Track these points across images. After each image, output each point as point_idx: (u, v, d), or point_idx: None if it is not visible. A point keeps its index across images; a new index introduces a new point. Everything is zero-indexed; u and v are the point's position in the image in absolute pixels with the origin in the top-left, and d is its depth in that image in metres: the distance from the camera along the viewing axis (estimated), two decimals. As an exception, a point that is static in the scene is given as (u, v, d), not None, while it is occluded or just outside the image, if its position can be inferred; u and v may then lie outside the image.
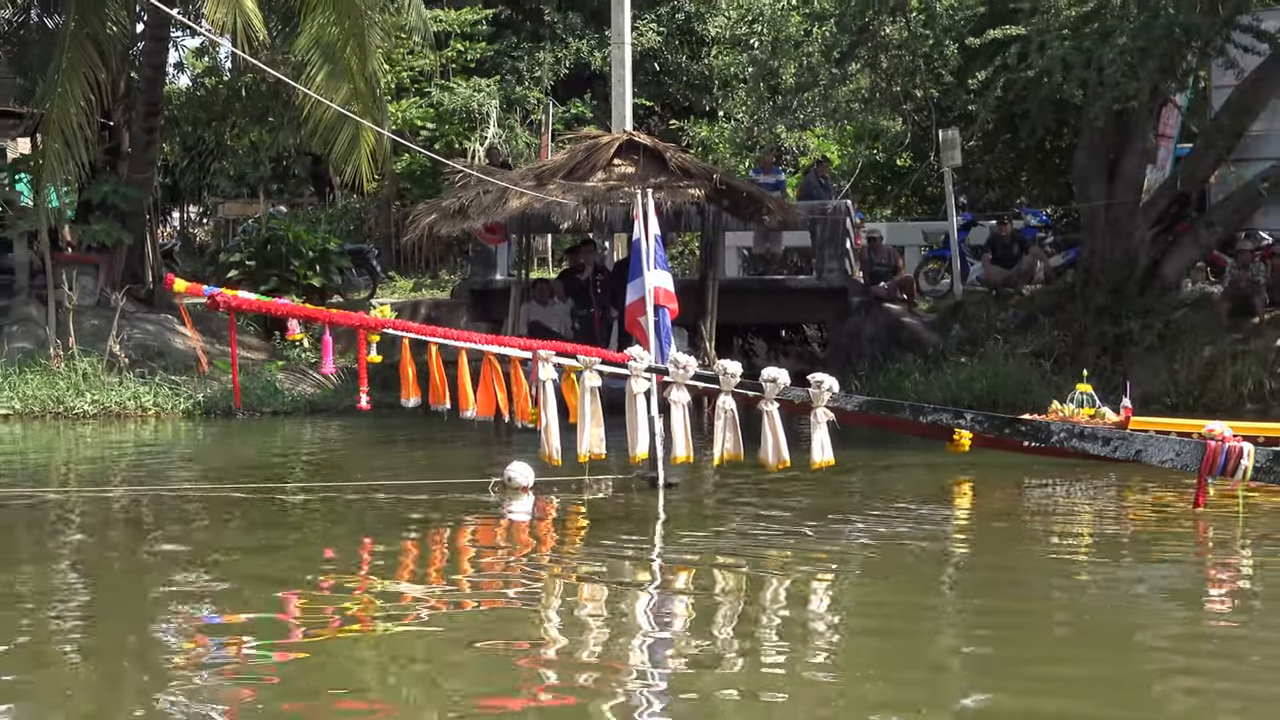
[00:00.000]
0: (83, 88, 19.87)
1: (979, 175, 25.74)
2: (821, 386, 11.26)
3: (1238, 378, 17.85)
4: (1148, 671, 7.50)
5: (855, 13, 19.96)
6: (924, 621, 8.55)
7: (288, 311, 12.90)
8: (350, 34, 20.06)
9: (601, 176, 18.57)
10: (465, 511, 11.69)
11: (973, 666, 7.58)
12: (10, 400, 19.12)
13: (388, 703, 6.98)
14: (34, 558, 10.62)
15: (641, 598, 9.11)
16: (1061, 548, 11.13)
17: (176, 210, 31.94)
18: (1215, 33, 17.46)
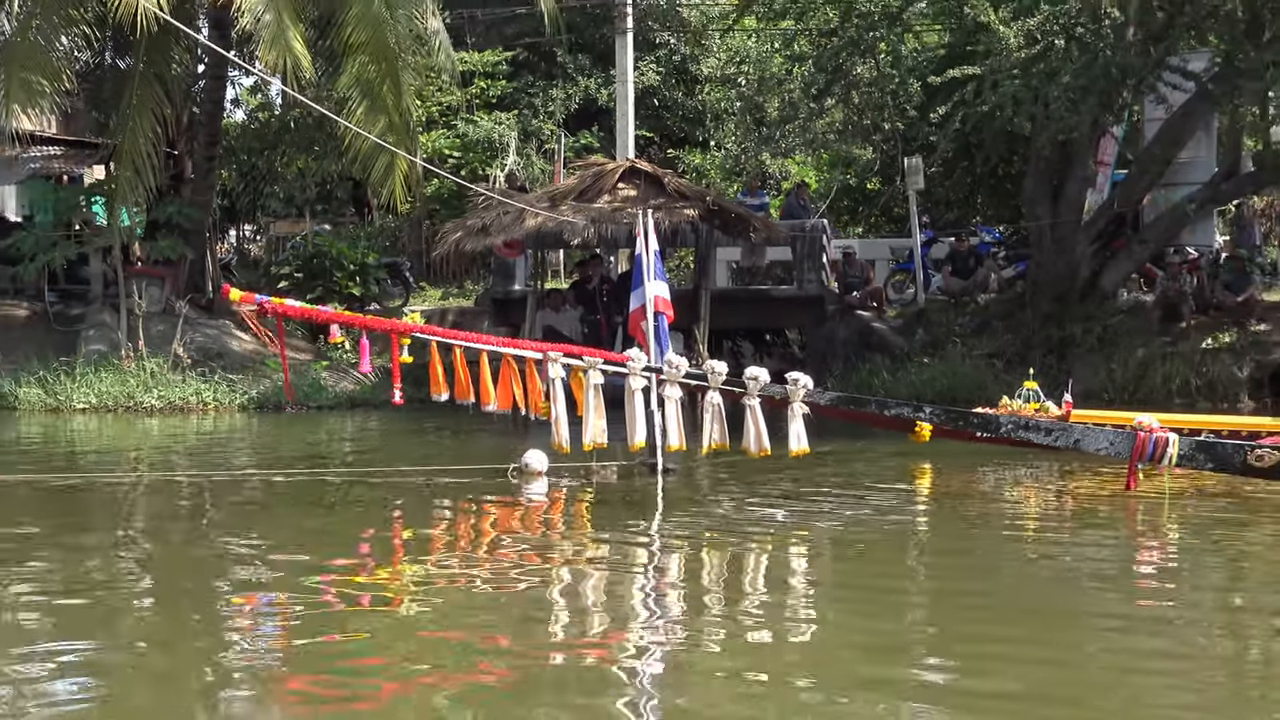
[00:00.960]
0: (150, 121, 19.92)
1: (939, 197, 25.73)
2: (797, 384, 11.30)
3: (1167, 376, 17.88)
4: (1083, 630, 7.53)
5: (831, 55, 19.99)
6: (889, 592, 8.59)
7: (329, 318, 12.95)
8: (386, 74, 20.08)
9: (607, 199, 18.57)
10: (487, 494, 11.69)
11: (930, 631, 7.63)
12: (87, 396, 19.18)
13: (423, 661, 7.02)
14: (108, 531, 10.66)
15: (642, 569, 9.16)
16: (1010, 525, 11.16)
17: (233, 228, 31.95)
18: (1148, 73, 17.47)
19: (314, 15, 20.81)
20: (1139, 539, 10.18)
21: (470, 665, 6.88)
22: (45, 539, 10.17)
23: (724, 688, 6.49)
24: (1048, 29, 16.43)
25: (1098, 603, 8.28)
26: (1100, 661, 7.04)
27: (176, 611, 8.00)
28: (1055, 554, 9.82)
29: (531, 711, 6.07)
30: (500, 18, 29.35)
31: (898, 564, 9.41)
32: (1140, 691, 6.55)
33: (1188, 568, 9.31)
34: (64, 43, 20.37)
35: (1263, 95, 17.29)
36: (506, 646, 7.16)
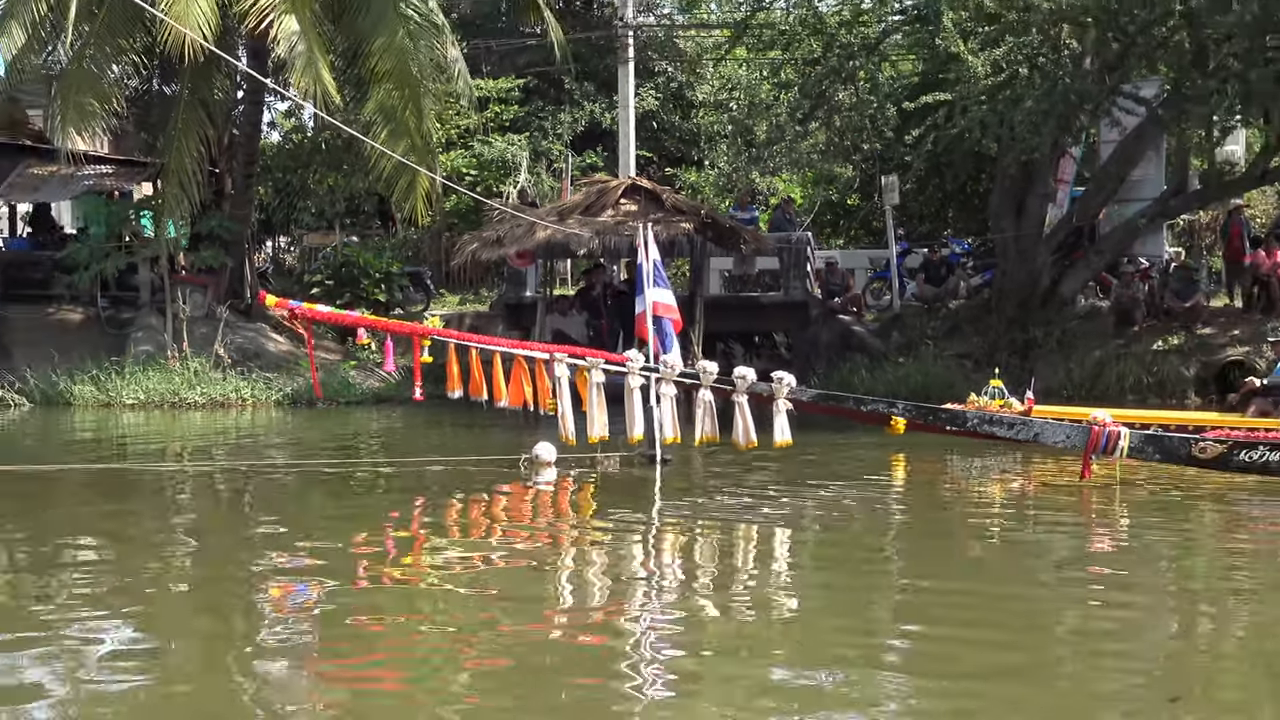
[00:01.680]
0: (194, 142, 19.95)
1: (913, 212, 25.77)
2: (781, 382, 11.36)
3: (1121, 375, 17.89)
4: (1042, 602, 7.58)
5: (814, 82, 20.02)
6: (866, 571, 8.63)
7: (356, 322, 13.05)
8: (409, 99, 20.11)
9: (610, 213, 18.61)
10: (500, 482, 11.70)
11: (903, 604, 7.67)
12: (136, 392, 19.21)
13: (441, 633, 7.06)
14: (155, 516, 10.69)
15: (642, 549, 9.20)
16: (976, 509, 11.21)
17: (269, 240, 31.93)
18: (1103, 98, 17.50)
19: (343, 46, 20.85)
20: (1093, 522, 10.21)
21: (484, 637, 6.92)
22: (98, 523, 10.22)
23: (715, 659, 6.54)
24: (1012, 59, 16.45)
25: (1055, 578, 8.34)
26: (1058, 630, 7.10)
27: (217, 588, 8.04)
28: (1017, 535, 9.88)
29: (540, 680, 6.12)
30: (513, 48, 29.38)
31: (874, 544, 9.44)
32: (1096, 654, 6.60)
33: (1137, 547, 9.36)
34: (115, 70, 20.39)
35: (1208, 119, 17.30)
36: (517, 620, 7.21)
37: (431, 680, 6.21)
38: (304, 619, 7.28)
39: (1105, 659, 6.52)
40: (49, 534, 9.47)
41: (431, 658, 6.59)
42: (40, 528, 9.64)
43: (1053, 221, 20.64)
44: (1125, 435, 11.01)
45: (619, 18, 27.07)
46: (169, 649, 6.69)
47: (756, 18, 21.30)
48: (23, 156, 22.32)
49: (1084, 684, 6.12)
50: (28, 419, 18.27)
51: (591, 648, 6.68)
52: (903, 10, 19.61)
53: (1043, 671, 6.27)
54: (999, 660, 6.37)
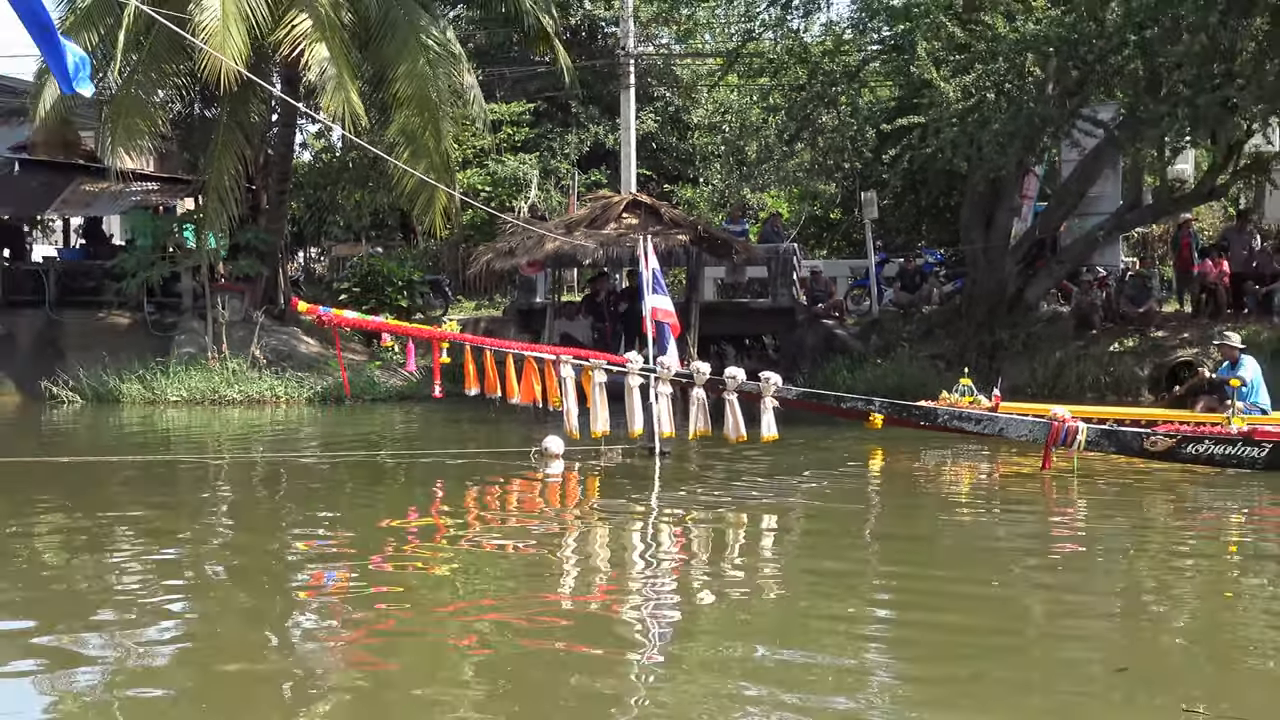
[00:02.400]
0: (233, 161, 19.96)
1: (891, 225, 25.74)
2: (768, 381, 11.41)
3: (1080, 374, 17.88)
4: (1007, 577, 7.64)
5: (800, 106, 20.04)
6: (846, 551, 8.70)
7: (381, 327, 13.06)
8: (429, 122, 20.13)
9: (614, 226, 18.61)
10: (513, 472, 11.75)
11: (881, 580, 7.74)
12: (179, 390, 19.22)
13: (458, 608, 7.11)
14: (197, 503, 10.76)
15: (642, 534, 9.26)
16: (947, 496, 11.28)
17: (301, 250, 31.94)
18: (1064, 121, 17.51)
19: (369, 73, 20.88)
20: (1053, 507, 10.27)
21: (498, 610, 6.98)
22: (146, 508, 10.28)
23: (706, 631, 6.60)
24: (980, 85, 16.46)
25: (1019, 556, 8.40)
26: (1020, 607, 7.16)
27: (254, 565, 8.10)
28: (984, 519, 9.95)
29: (547, 651, 6.17)
30: (524, 75, 29.42)
31: (854, 527, 9.50)
32: (1058, 626, 6.68)
33: (1091, 529, 9.42)
34: (160, 95, 20.41)
35: (1160, 141, 17.32)
36: (529, 595, 7.27)
37: (450, 651, 6.28)
38: (335, 594, 7.34)
39: (1062, 633, 6.59)
40: (101, 519, 9.53)
41: (451, 630, 6.66)
42: (93, 513, 9.68)
43: (1018, 234, 20.65)
44: (1083, 430, 11.07)
45: (621, 47, 27.11)
46: (211, 623, 6.75)
47: (747, 47, 21.31)
48: (76, 174, 22.39)
49: (1043, 655, 6.19)
50: (81, 414, 18.32)
51: (595, 620, 6.75)
52: (880, 41, 19.63)
53: (1006, 644, 6.34)
54: (965, 634, 6.44)
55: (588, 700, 5.40)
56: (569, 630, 6.52)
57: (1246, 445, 11.13)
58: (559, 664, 5.92)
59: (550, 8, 23.05)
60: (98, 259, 23.19)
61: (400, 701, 5.45)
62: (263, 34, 18.75)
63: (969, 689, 5.58)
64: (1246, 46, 14.79)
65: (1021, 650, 6.26)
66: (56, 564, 8.24)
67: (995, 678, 5.74)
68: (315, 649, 6.33)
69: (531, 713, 5.27)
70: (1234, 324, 16.51)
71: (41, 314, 21.66)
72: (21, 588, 7.46)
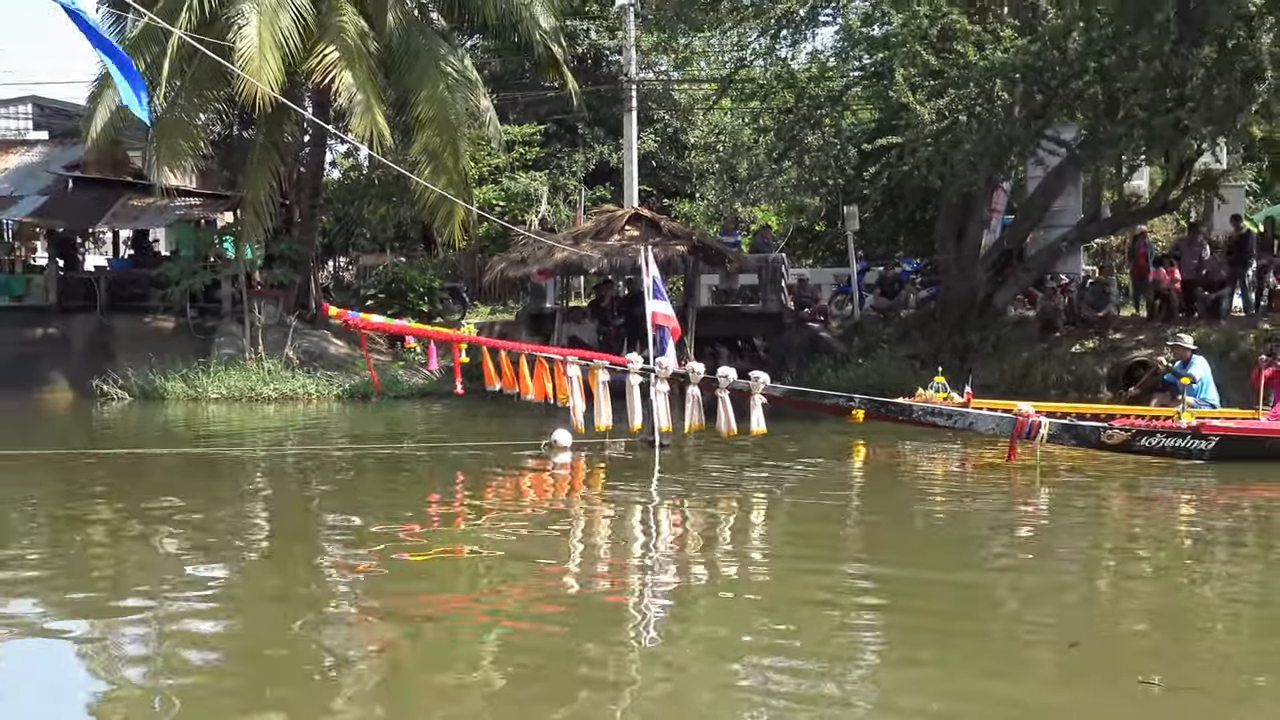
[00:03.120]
0: (268, 178, 20.01)
1: (871, 236, 25.71)
2: (757, 379, 11.43)
3: (1045, 373, 17.84)
4: (975, 560, 7.69)
5: (787, 128, 20.03)
6: (830, 535, 8.73)
7: (404, 330, 13.11)
8: (448, 142, 20.15)
9: (617, 238, 18.68)
10: (525, 463, 11.80)
11: (862, 552, 7.78)
12: (219, 388, 19.26)
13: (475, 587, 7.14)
14: (236, 490, 10.80)
15: (643, 520, 9.29)
16: (922, 484, 11.30)
17: (331, 260, 31.95)
18: (1029, 141, 17.51)
19: (393, 97, 20.88)
20: (1017, 495, 10.30)
21: (512, 586, 7.02)
22: (187, 495, 10.28)
23: (702, 608, 6.64)
24: (953, 108, 16.45)
25: (987, 540, 8.43)
26: (987, 586, 7.20)
27: (286, 550, 8.14)
28: (956, 506, 9.97)
29: (554, 625, 6.21)
30: (535, 99, 29.44)
31: (837, 514, 9.54)
32: (1021, 605, 6.71)
33: (1054, 515, 9.46)
34: (202, 118, 20.45)
35: (1117, 159, 17.38)
36: (541, 573, 7.31)
37: (467, 625, 6.32)
38: (359, 577, 7.38)
39: (1024, 610, 6.63)
40: (146, 505, 9.56)
41: (468, 606, 6.69)
42: (139, 499, 9.72)
43: (988, 244, 20.65)
44: (1045, 424, 11.11)
45: (624, 74, 27.13)
46: (243, 601, 6.79)
47: (739, 74, 21.34)
48: (125, 191, 22.45)
49: (1005, 628, 6.23)
50: (129, 410, 18.37)
51: (600, 596, 6.79)
52: (861, 68, 19.63)
53: (973, 619, 6.37)
54: (937, 610, 6.47)
55: (592, 676, 5.43)
56: (575, 607, 6.56)
57: (1195, 438, 11.16)
58: (566, 638, 5.95)
59: (559, 37, 23.09)
60: (145, 268, 23.23)
61: (420, 675, 5.49)
62: (296, 62, 18.80)
63: (935, 663, 5.60)
64: (1196, 73, 14.81)
65: (989, 623, 6.29)
66: (104, 544, 8.29)
67: (966, 646, 5.77)
68: (342, 625, 6.36)
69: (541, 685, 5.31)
70: (1185, 327, 16.51)
71: (93, 318, 21.73)
72: (73, 565, 7.51)
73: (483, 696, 5.15)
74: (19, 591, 6.91)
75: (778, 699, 5.05)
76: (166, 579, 7.17)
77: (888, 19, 17.45)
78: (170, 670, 5.46)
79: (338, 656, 5.72)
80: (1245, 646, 5.91)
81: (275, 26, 18.47)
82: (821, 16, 19.36)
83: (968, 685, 5.19)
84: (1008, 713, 4.92)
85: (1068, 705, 4.99)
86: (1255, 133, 16.29)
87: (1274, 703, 5.08)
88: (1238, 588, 7.10)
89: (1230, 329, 17.27)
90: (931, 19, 16.58)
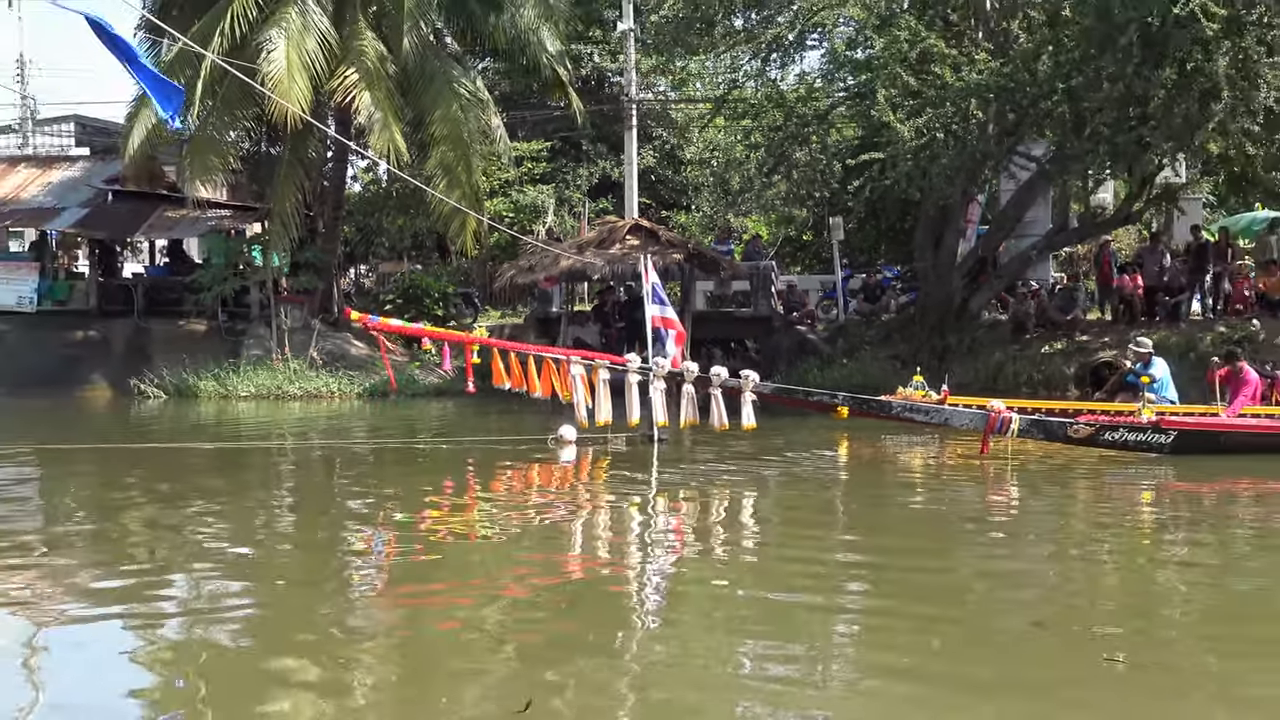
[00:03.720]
0: (294, 191, 19.98)
1: (855, 245, 25.72)
2: (747, 378, 11.46)
3: (1016, 372, 17.84)
4: (951, 546, 7.71)
5: (777, 144, 19.96)
6: (817, 524, 8.75)
7: (420, 333, 13.14)
8: (461, 158, 20.16)
9: (618, 247, 18.68)
10: (533, 456, 11.79)
11: (844, 548, 7.79)
12: (248, 387, 19.27)
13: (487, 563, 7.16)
14: (263, 481, 10.83)
15: (643, 508, 9.31)
16: (903, 474, 11.32)
17: (352, 267, 31.98)
18: (1002, 157, 17.52)
19: (409, 116, 20.88)
20: (990, 486, 10.33)
21: (522, 571, 7.03)
22: (219, 485, 10.34)
23: (698, 589, 6.66)
24: (931, 126, 16.45)
25: (961, 528, 8.45)
26: (962, 569, 7.21)
27: (311, 537, 8.16)
28: (933, 495, 9.98)
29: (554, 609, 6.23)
30: (542, 118, 29.44)
31: (824, 504, 9.56)
32: (992, 586, 6.73)
33: (1023, 505, 9.48)
34: (232, 136, 20.43)
35: (1084, 173, 17.36)
36: (548, 559, 7.33)
37: (479, 606, 6.34)
38: (380, 561, 7.40)
39: (995, 590, 6.65)
40: (180, 495, 9.58)
41: (481, 589, 6.71)
42: (174, 489, 9.75)
43: (963, 253, 20.67)
44: (1015, 419, 11.13)
45: (625, 94, 27.16)
46: (273, 583, 6.81)
47: (732, 94, 21.34)
48: (160, 203, 22.46)
49: (976, 610, 6.25)
50: (164, 408, 18.38)
51: (603, 579, 6.81)
52: (846, 89, 19.61)
53: (950, 598, 6.39)
54: (917, 591, 6.49)
55: (595, 653, 5.45)
56: (582, 586, 6.58)
57: (1155, 432, 11.19)
58: (568, 618, 5.98)
59: (565, 61, 23.13)
60: (179, 275, 23.27)
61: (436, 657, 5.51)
62: (320, 83, 18.83)
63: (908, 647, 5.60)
64: (1157, 94, 14.82)
65: (965, 603, 6.31)
66: (142, 530, 8.30)
67: (944, 623, 5.79)
68: (361, 608, 6.38)
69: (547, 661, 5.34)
70: (1147, 330, 16.54)
71: (131, 322, 21.75)
72: (113, 549, 7.53)
73: (493, 676, 5.16)
74: (64, 574, 6.93)
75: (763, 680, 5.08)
76: (198, 563, 7.19)
77: (870, 43, 17.46)
78: (200, 651, 5.47)
79: (359, 638, 5.74)
80: (1200, 627, 5.93)
81: (302, 49, 18.51)
82: (808, 41, 19.36)
83: (940, 667, 5.18)
84: (979, 691, 4.93)
85: (1037, 682, 5.01)
86: (1212, 149, 16.31)
87: (1227, 679, 5.11)
88: (1193, 571, 7.12)
89: (1189, 332, 17.29)
90: (911, 43, 16.60)
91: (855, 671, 5.19)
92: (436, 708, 4.73)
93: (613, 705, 4.70)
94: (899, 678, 5.02)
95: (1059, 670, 5.12)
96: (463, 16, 21.90)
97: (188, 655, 5.41)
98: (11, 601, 6.24)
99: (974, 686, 4.94)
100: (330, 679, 5.08)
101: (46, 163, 25.01)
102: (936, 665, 5.20)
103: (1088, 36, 15.39)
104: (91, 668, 5.33)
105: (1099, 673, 5.09)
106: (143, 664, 5.38)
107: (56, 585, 6.64)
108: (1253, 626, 5.86)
